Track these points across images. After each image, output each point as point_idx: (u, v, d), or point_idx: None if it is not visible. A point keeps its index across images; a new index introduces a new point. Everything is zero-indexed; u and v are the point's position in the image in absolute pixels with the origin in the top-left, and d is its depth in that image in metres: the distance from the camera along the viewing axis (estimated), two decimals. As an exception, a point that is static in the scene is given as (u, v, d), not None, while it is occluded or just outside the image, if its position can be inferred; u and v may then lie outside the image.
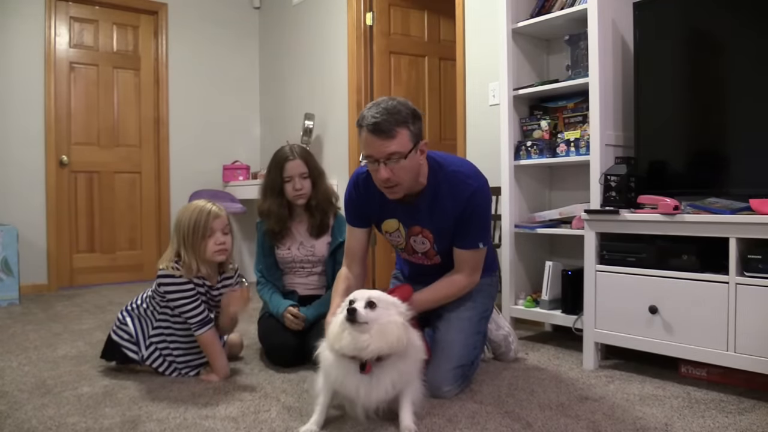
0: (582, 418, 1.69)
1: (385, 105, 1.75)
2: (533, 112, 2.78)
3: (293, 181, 2.35)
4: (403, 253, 2.07)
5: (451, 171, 1.90)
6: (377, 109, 1.74)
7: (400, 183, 1.79)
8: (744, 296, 1.81)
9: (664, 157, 2.21)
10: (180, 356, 2.14)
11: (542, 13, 2.62)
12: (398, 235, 2.02)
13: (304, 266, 2.43)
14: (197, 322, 2.05)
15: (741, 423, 1.65)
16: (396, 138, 1.73)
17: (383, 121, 1.72)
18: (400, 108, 1.75)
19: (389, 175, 1.76)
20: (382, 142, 1.73)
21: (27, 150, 4.19)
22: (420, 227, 1.95)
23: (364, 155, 1.80)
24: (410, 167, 1.79)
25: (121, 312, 2.18)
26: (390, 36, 4.11)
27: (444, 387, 1.87)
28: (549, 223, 2.60)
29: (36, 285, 4.19)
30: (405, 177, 1.79)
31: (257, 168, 5.06)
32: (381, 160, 1.75)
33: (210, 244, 2.04)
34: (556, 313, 2.48)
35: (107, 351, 2.17)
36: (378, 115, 1.73)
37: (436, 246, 1.97)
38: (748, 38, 2.00)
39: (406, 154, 1.76)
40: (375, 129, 1.72)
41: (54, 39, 4.31)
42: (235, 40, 5.09)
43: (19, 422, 1.69)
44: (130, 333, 2.12)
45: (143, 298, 2.17)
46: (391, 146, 1.73)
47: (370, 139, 1.74)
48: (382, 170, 1.76)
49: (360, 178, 2.02)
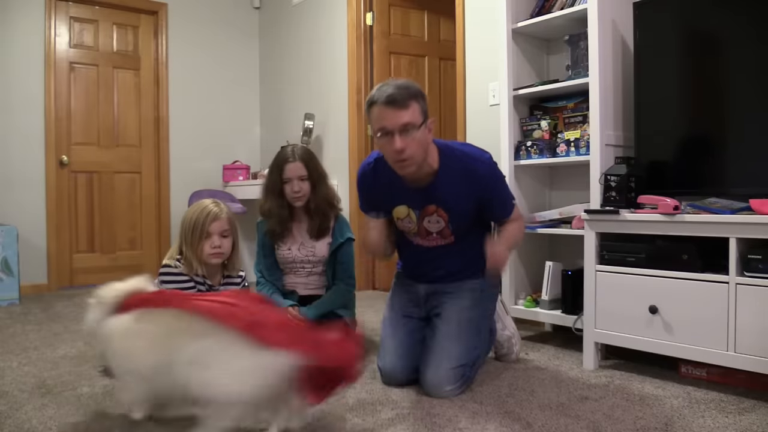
0: (582, 418, 1.69)
1: (395, 82, 1.84)
2: (533, 112, 2.78)
3: (291, 183, 2.35)
4: (416, 237, 2.07)
5: (460, 153, 1.97)
6: (388, 86, 1.82)
7: (412, 156, 1.83)
8: (744, 296, 1.81)
9: (664, 157, 2.21)
10: None
11: (542, 13, 2.62)
12: (409, 221, 2.03)
13: (304, 266, 2.43)
14: None
15: (741, 423, 1.65)
16: (409, 109, 1.80)
17: (397, 94, 1.79)
18: (409, 84, 1.86)
19: (403, 145, 1.80)
20: (396, 113, 1.79)
21: (27, 150, 4.19)
22: (435, 206, 1.98)
23: (377, 129, 1.84)
24: (421, 140, 1.84)
25: None
26: (390, 36, 4.12)
27: (445, 387, 1.88)
28: (549, 223, 2.60)
29: (36, 285, 4.19)
30: (417, 150, 1.83)
31: (257, 168, 5.06)
32: (395, 131, 1.79)
33: (206, 246, 2.03)
34: (556, 313, 2.48)
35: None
36: (391, 89, 1.80)
37: (450, 225, 1.99)
38: (749, 38, 2.00)
39: (419, 126, 1.81)
40: (389, 101, 1.79)
41: (54, 39, 4.30)
42: (235, 40, 5.09)
43: (19, 422, 1.69)
44: None
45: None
46: (405, 117, 1.79)
47: (384, 111, 1.80)
48: (396, 141, 1.79)
49: (368, 167, 2.07)
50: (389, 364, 2.01)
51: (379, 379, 2.05)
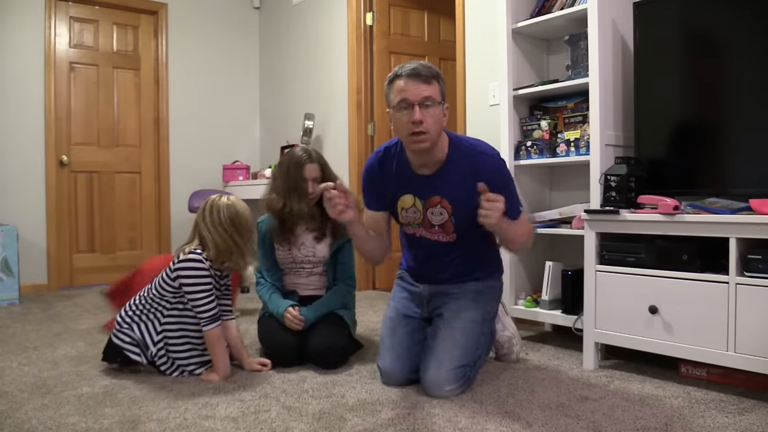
0: (582, 418, 1.69)
1: (417, 62, 1.90)
2: (533, 112, 2.78)
3: (306, 183, 2.34)
4: (420, 228, 2.07)
5: (469, 144, 1.99)
6: (411, 63, 1.89)
7: (428, 131, 1.85)
8: (744, 296, 1.81)
9: (664, 157, 2.21)
10: (186, 354, 2.14)
11: (542, 13, 2.62)
12: (414, 211, 2.04)
13: (304, 267, 2.43)
14: (209, 317, 2.05)
15: (741, 423, 1.65)
16: (431, 85, 1.86)
17: (421, 69, 1.85)
18: (431, 65, 1.91)
19: (422, 117, 1.83)
20: (419, 86, 1.84)
21: (27, 150, 4.19)
22: (439, 197, 1.98)
23: (398, 101, 1.86)
24: (438, 118, 1.88)
25: (119, 315, 2.18)
26: (390, 36, 4.12)
27: (445, 387, 1.88)
28: (549, 223, 2.60)
29: (36, 285, 4.19)
30: (433, 126, 1.86)
31: (257, 168, 5.07)
32: (416, 103, 1.83)
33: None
34: (556, 313, 2.48)
35: (108, 353, 2.18)
36: (415, 64, 1.87)
37: (453, 218, 1.99)
38: (749, 38, 2.00)
39: (438, 103, 1.86)
40: (413, 73, 1.84)
41: (54, 39, 4.31)
42: (235, 40, 5.09)
43: (19, 422, 1.69)
44: (133, 336, 2.12)
45: (144, 297, 2.16)
46: (427, 90, 1.84)
47: (408, 83, 1.84)
48: (416, 112, 1.83)
49: (375, 158, 2.09)
50: (389, 364, 2.01)
51: (379, 379, 2.06)
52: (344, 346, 2.29)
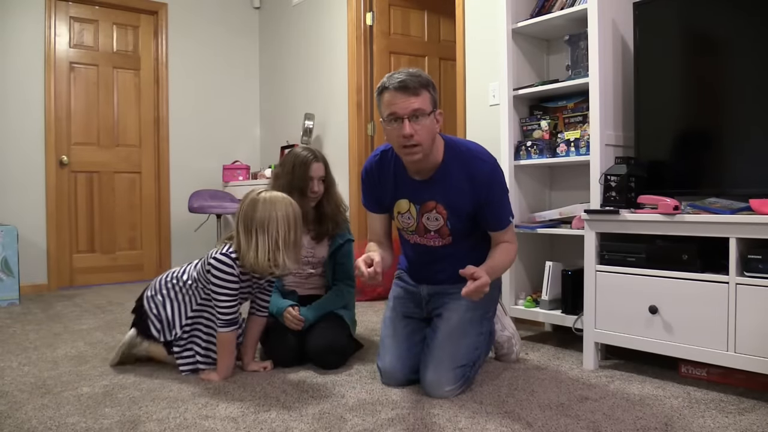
0: (582, 418, 1.69)
1: (406, 70, 1.87)
2: (533, 112, 2.78)
3: (312, 182, 2.35)
4: (414, 235, 2.07)
5: (465, 149, 1.98)
6: (400, 73, 1.84)
7: (420, 143, 1.84)
8: (744, 296, 1.81)
9: (664, 157, 2.21)
10: (205, 345, 2.14)
11: (542, 13, 2.62)
12: (409, 216, 2.04)
13: (304, 267, 2.43)
14: (226, 320, 2.04)
15: (741, 423, 1.65)
16: (420, 96, 1.82)
17: (409, 80, 1.82)
18: (420, 73, 1.87)
19: (412, 131, 1.81)
20: (407, 98, 1.81)
21: (27, 150, 4.19)
22: (434, 202, 1.98)
23: (387, 114, 1.85)
24: (430, 128, 1.85)
25: (157, 283, 2.19)
26: (390, 36, 4.12)
27: (445, 387, 1.88)
28: (549, 223, 2.60)
29: (36, 285, 4.19)
30: (425, 137, 1.84)
31: (257, 168, 5.07)
32: (405, 116, 1.81)
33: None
34: (556, 313, 2.48)
35: (137, 314, 2.21)
36: (402, 76, 1.83)
37: (449, 223, 1.99)
38: (749, 37, 2.00)
39: (428, 114, 1.83)
40: (401, 86, 1.81)
41: (54, 39, 4.31)
42: (235, 40, 5.09)
43: (19, 422, 1.69)
44: (162, 313, 2.13)
45: (190, 274, 2.15)
46: (416, 103, 1.81)
47: (396, 96, 1.82)
48: (406, 126, 1.81)
49: (373, 160, 2.09)
50: (389, 364, 2.01)
51: (378, 379, 2.06)
52: (344, 346, 2.29)
